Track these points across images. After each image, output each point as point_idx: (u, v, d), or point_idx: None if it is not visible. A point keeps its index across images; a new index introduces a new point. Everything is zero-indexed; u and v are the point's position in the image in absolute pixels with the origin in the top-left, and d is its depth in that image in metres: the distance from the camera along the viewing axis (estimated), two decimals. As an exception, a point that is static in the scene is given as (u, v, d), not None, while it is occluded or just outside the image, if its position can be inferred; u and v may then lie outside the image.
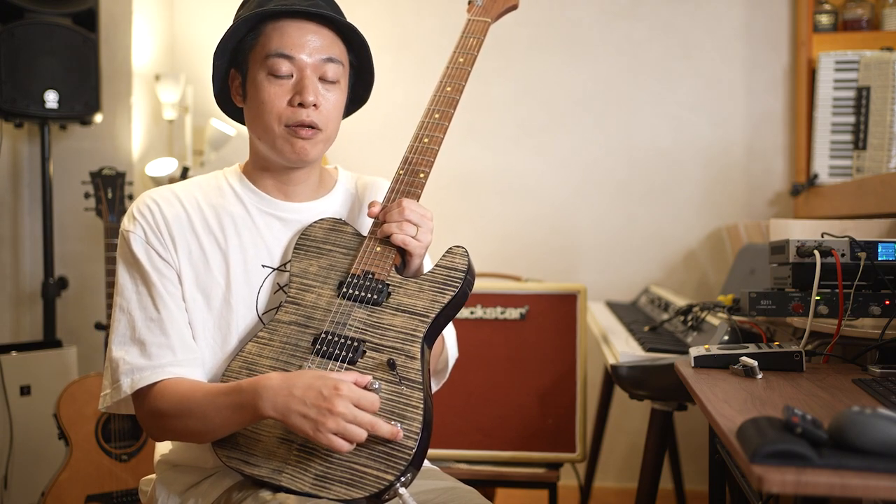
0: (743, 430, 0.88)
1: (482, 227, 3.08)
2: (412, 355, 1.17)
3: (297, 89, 1.25)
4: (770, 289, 1.44)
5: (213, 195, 1.32)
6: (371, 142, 3.01)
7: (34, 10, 2.61)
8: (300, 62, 1.25)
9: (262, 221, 1.31)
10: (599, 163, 3.06)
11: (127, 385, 1.20)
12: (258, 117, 1.27)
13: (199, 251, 1.27)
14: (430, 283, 1.23)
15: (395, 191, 1.30)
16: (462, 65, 1.42)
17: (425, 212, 1.26)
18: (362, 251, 1.26)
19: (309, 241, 1.29)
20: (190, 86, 3.16)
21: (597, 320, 2.34)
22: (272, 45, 1.25)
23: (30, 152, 2.92)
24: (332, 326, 1.20)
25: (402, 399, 1.13)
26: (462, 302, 1.25)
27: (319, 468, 1.10)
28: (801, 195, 2.78)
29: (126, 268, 1.27)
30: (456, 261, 1.25)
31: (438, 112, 1.38)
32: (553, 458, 2.20)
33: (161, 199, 1.28)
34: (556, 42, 3.08)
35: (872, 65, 2.58)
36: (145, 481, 1.39)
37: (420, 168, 1.32)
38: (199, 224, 1.28)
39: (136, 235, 1.26)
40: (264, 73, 1.25)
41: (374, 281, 1.23)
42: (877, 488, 0.76)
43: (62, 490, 2.29)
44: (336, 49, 1.29)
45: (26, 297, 2.90)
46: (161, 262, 1.25)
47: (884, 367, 1.27)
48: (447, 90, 1.40)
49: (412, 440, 1.09)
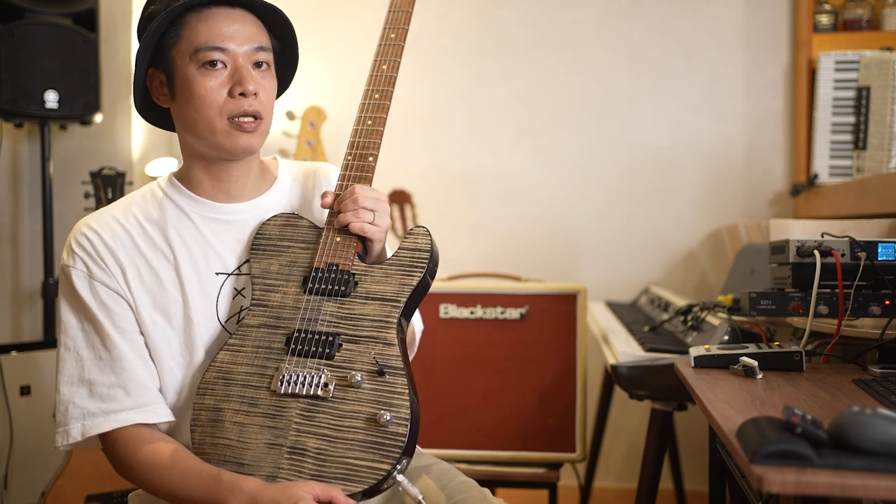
0: (743, 430, 0.88)
1: (482, 227, 3.08)
2: (389, 342, 1.16)
3: (237, 79, 1.19)
4: (770, 289, 1.44)
5: (152, 210, 1.27)
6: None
7: (34, 10, 2.61)
8: (232, 53, 1.20)
9: (206, 228, 1.26)
10: (599, 163, 3.06)
11: (77, 431, 1.17)
12: (195, 113, 1.20)
13: (150, 271, 1.23)
14: (397, 266, 1.22)
15: (346, 177, 1.27)
16: (394, 41, 1.37)
17: (379, 195, 1.23)
18: (322, 243, 1.23)
19: (265, 240, 1.26)
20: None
21: (597, 320, 2.34)
22: (200, 39, 1.19)
23: (30, 152, 2.92)
24: (304, 324, 1.18)
25: (387, 387, 1.12)
26: (429, 283, 1.23)
27: (314, 468, 1.10)
28: (801, 195, 2.78)
29: (69, 305, 1.22)
30: (419, 241, 1.23)
31: (378, 92, 1.33)
32: (553, 458, 2.20)
33: (99, 226, 1.23)
34: (557, 42, 3.08)
35: (872, 65, 2.58)
36: (134, 496, 1.34)
37: (368, 151, 1.29)
38: (143, 243, 1.24)
39: (78, 270, 1.20)
40: (195, 67, 1.19)
41: (339, 272, 1.21)
42: (877, 488, 0.76)
43: (62, 490, 2.28)
44: (263, 36, 1.25)
45: (26, 297, 2.90)
46: (108, 294, 1.20)
47: (884, 367, 1.27)
48: (383, 68, 1.35)
49: (403, 426, 1.09)
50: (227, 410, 1.14)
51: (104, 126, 2.89)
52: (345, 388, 1.13)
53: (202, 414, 1.15)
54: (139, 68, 1.24)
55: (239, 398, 1.15)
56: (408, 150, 3.09)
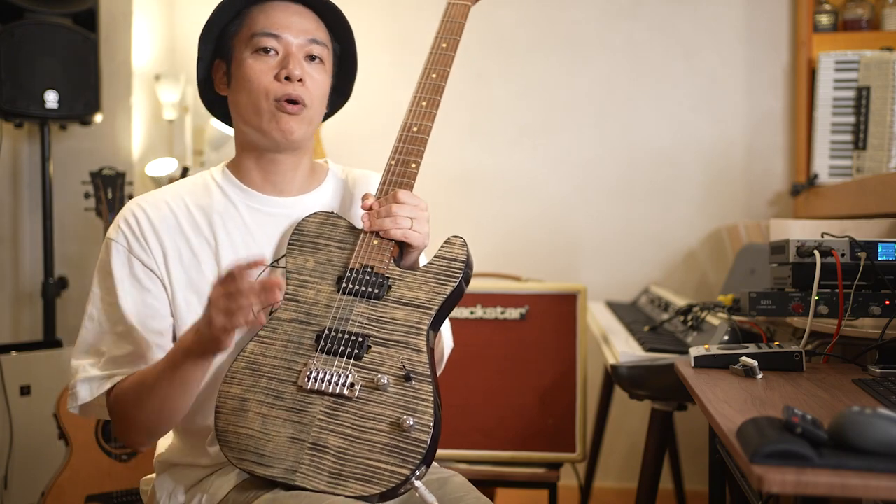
0: (743, 430, 0.88)
1: (482, 227, 3.08)
2: (418, 348, 1.16)
3: (284, 64, 1.25)
4: (770, 289, 1.44)
5: (200, 196, 1.31)
6: (371, 141, 3.00)
7: (34, 10, 2.61)
8: (286, 41, 1.26)
9: (251, 218, 1.30)
10: (600, 163, 3.06)
11: (86, 392, 1.21)
12: (245, 96, 1.26)
13: (190, 254, 1.26)
14: (431, 274, 1.23)
15: (388, 182, 1.28)
16: (445, 50, 1.40)
17: (419, 202, 1.25)
18: (359, 245, 1.24)
19: (303, 236, 1.28)
20: (190, 86, 3.15)
21: (597, 320, 2.34)
22: (257, 26, 1.26)
23: (30, 152, 2.92)
24: (335, 322, 1.19)
25: (412, 393, 1.12)
26: (462, 292, 1.24)
27: (333, 466, 1.10)
28: (801, 195, 2.78)
29: (101, 277, 1.26)
30: (455, 251, 1.25)
31: (425, 100, 1.36)
32: (553, 458, 2.20)
33: (148, 206, 1.27)
34: (557, 42, 3.08)
35: (872, 65, 2.58)
36: (145, 481, 1.39)
37: (411, 158, 1.30)
38: (187, 226, 1.27)
39: (119, 245, 1.25)
40: (249, 52, 1.26)
41: (374, 275, 1.22)
42: (877, 488, 0.76)
43: (62, 490, 2.29)
44: (321, 33, 1.30)
45: (26, 297, 2.90)
46: (144, 272, 1.24)
47: (884, 367, 1.26)
48: (432, 77, 1.38)
49: (425, 433, 1.09)
50: (252, 401, 1.15)
51: (104, 126, 2.89)
52: (371, 389, 1.13)
53: (227, 402, 1.16)
54: (200, 50, 1.30)
55: (265, 390, 1.16)
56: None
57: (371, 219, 1.25)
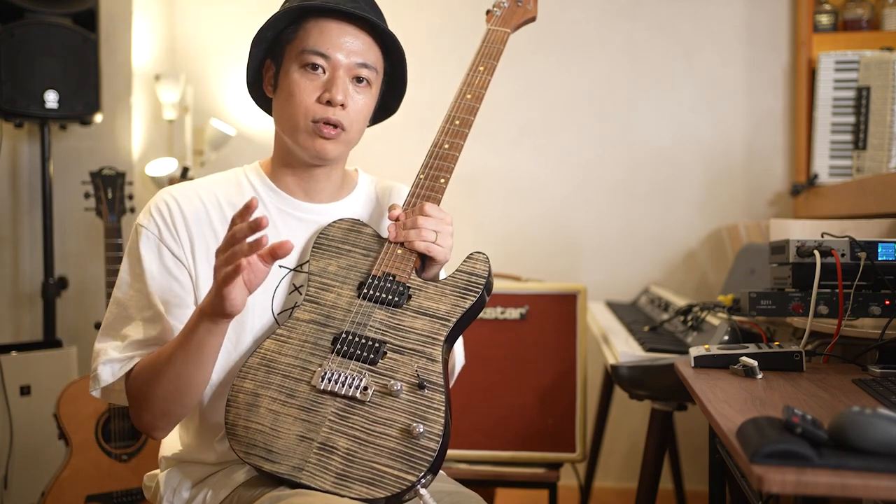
0: (743, 430, 0.88)
1: (482, 227, 3.08)
2: (433, 358, 1.17)
3: (328, 86, 1.25)
4: (770, 289, 1.44)
5: (232, 193, 1.32)
6: (371, 141, 3.00)
7: (34, 10, 2.61)
8: (335, 61, 1.26)
9: (281, 221, 1.31)
10: (600, 163, 3.06)
11: (107, 374, 1.21)
12: (286, 109, 1.27)
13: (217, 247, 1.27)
14: (452, 287, 1.25)
15: (416, 195, 1.32)
16: (482, 73, 1.45)
17: (445, 216, 1.28)
18: (383, 253, 1.27)
19: (327, 241, 1.30)
20: (190, 86, 3.16)
21: (597, 320, 2.34)
22: (310, 41, 1.26)
23: (30, 152, 2.92)
24: (353, 326, 1.20)
25: (424, 401, 1.13)
26: (481, 308, 1.26)
27: (340, 467, 1.10)
28: (801, 195, 2.78)
29: (129, 263, 1.27)
30: (477, 266, 1.28)
31: (459, 119, 1.40)
32: (553, 458, 2.20)
33: (181, 196, 1.28)
34: (557, 42, 3.08)
35: (872, 65, 2.58)
36: (149, 476, 1.38)
37: (440, 174, 1.34)
38: (217, 220, 1.28)
39: (149, 232, 1.26)
40: (297, 66, 1.26)
41: (395, 283, 1.24)
42: (877, 488, 0.76)
43: (62, 490, 2.29)
44: (372, 55, 1.30)
45: (26, 297, 2.90)
46: (172, 260, 1.25)
47: (884, 367, 1.27)
48: (467, 97, 1.42)
49: (434, 441, 1.10)
50: (264, 397, 1.16)
51: (104, 126, 2.89)
52: (383, 394, 1.14)
53: (240, 396, 1.17)
54: (251, 52, 1.31)
55: (278, 387, 1.16)
56: (408, 150, 3.09)
57: (397, 229, 1.27)
